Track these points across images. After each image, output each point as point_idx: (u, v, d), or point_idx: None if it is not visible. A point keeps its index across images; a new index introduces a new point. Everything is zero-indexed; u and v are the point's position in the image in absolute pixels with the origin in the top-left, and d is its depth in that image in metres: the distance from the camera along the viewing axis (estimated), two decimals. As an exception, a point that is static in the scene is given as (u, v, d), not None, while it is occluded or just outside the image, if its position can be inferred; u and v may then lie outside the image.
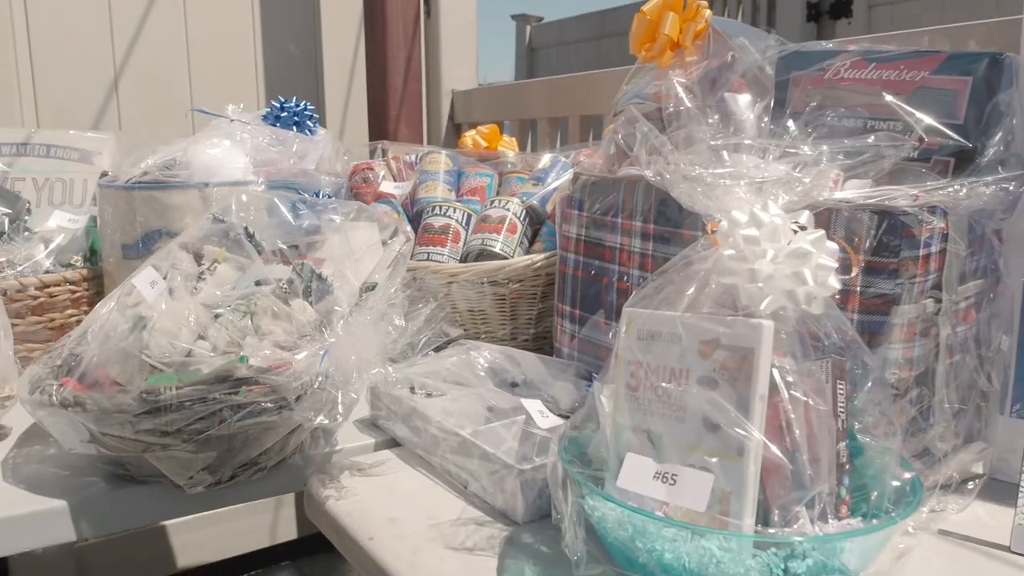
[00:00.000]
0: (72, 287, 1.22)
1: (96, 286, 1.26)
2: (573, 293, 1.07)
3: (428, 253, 1.26)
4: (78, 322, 1.24)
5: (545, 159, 1.35)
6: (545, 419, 0.90)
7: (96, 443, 0.82)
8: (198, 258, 0.92)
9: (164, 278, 0.87)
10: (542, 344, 1.31)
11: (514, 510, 0.78)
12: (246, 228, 0.91)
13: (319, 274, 0.93)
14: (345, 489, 0.86)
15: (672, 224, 0.91)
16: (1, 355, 0.96)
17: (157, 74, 1.76)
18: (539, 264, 1.22)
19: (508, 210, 1.29)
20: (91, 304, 1.26)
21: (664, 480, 0.55)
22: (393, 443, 0.98)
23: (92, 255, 1.28)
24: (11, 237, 1.26)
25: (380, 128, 1.85)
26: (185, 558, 2.08)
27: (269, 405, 0.80)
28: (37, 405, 0.82)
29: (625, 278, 0.96)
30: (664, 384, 0.59)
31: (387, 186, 1.40)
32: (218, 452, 0.83)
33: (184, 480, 0.84)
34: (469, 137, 1.58)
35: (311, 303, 0.91)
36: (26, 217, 1.30)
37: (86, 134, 1.44)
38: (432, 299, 0.89)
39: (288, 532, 2.22)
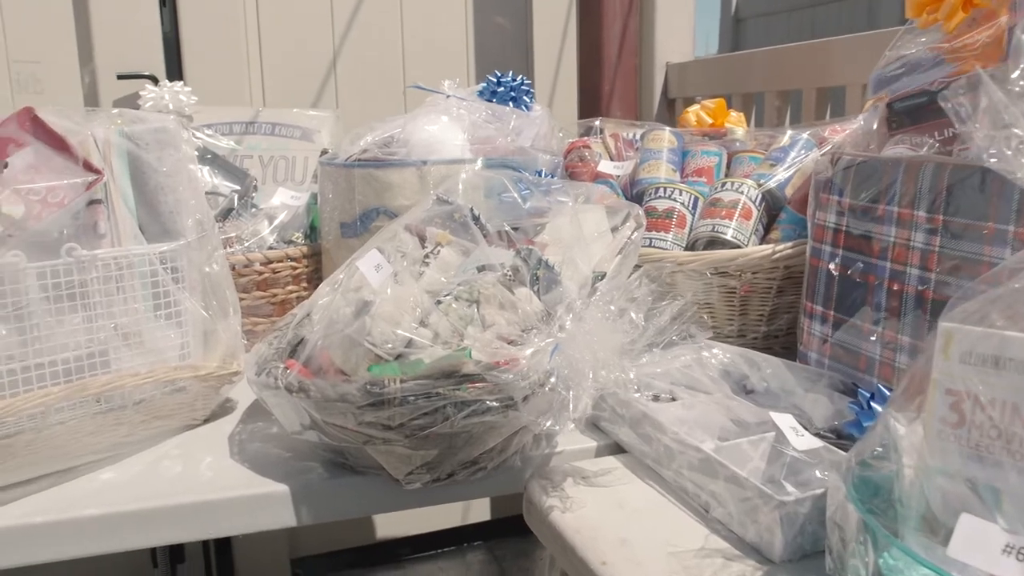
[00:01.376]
0: (293, 264, 1.23)
1: (314, 263, 1.27)
2: (827, 291, 0.93)
3: (650, 239, 1.16)
4: (298, 298, 1.25)
5: (785, 137, 1.21)
6: (800, 438, 0.78)
7: (318, 430, 0.79)
8: (421, 241, 0.88)
9: (388, 261, 0.83)
10: (771, 344, 1.18)
11: (770, 547, 0.67)
12: (472, 210, 0.85)
13: (546, 261, 0.86)
14: (570, 500, 0.78)
15: (971, 215, 0.75)
16: (230, 331, 0.96)
17: (372, 52, 1.77)
18: (779, 255, 1.09)
19: (742, 193, 1.16)
20: (310, 281, 1.27)
21: (1021, 557, 0.43)
22: (616, 448, 0.90)
23: (312, 232, 1.29)
24: (239, 213, 1.28)
25: (591, 104, 1.76)
26: (384, 530, 2.12)
27: (494, 404, 0.74)
28: (263, 386, 0.81)
29: (902, 279, 0.81)
30: (1013, 427, 0.46)
31: (606, 166, 1.31)
32: (439, 450, 0.78)
33: (402, 475, 0.80)
34: (692, 113, 1.45)
35: (537, 293, 0.84)
36: (253, 194, 1.32)
37: (307, 112, 1.46)
38: (679, 295, 0.79)
39: (481, 513, 2.21)
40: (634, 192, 1.27)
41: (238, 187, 1.31)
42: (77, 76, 1.58)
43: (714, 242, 1.14)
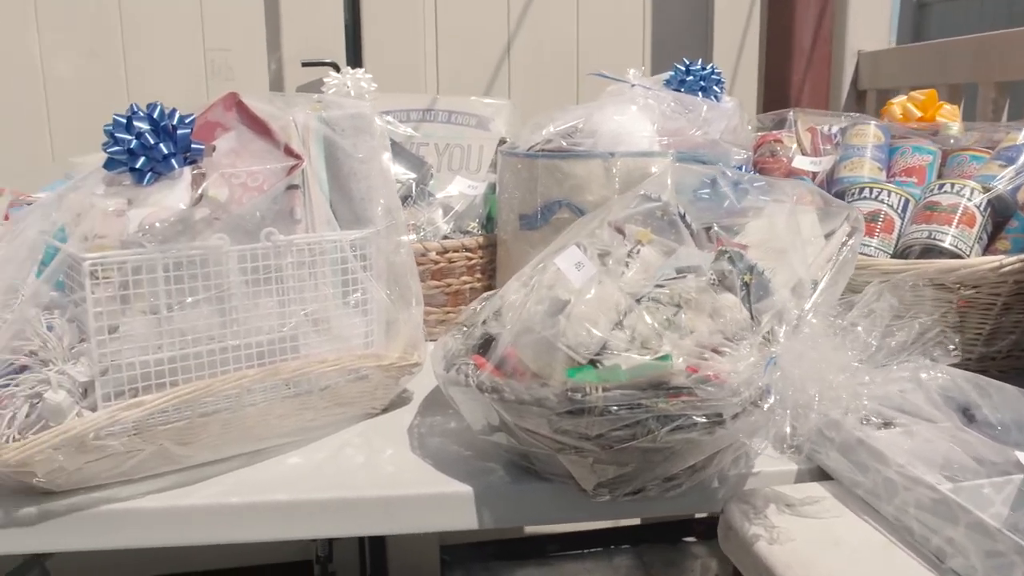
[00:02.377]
0: (469, 254, 1.21)
1: (489, 254, 1.24)
2: (1082, 313, 0.81)
3: (855, 244, 1.06)
4: (471, 290, 1.23)
5: (1021, 135, 1.07)
6: (1055, 484, 0.67)
7: (507, 432, 0.76)
8: (618, 238, 0.83)
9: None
10: (987, 366, 1.05)
11: (1029, 612, 0.58)
12: (679, 208, 0.79)
13: (755, 266, 0.79)
14: (776, 530, 0.71)
15: None
16: (412, 322, 0.95)
17: (547, 39, 1.73)
18: (1008, 268, 0.96)
19: (963, 196, 1.04)
20: (484, 272, 1.25)
21: None
22: (820, 474, 0.81)
23: (488, 223, 1.27)
24: (415, 201, 1.28)
25: (778, 95, 1.65)
26: (486, 519, 2.10)
27: (701, 420, 0.68)
28: (451, 382, 0.78)
29: None
30: None
31: (801, 162, 1.21)
32: (634, 463, 0.73)
33: (591, 486, 0.75)
34: (898, 105, 1.32)
35: (747, 300, 0.77)
36: (430, 181, 1.32)
37: (483, 100, 1.43)
38: (923, 312, 0.70)
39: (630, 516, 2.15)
40: (832, 192, 1.17)
41: (415, 175, 1.31)
42: (264, 63, 1.64)
43: (930, 250, 1.03)
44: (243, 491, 0.77)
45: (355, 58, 1.63)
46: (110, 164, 0.76)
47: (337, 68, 1.61)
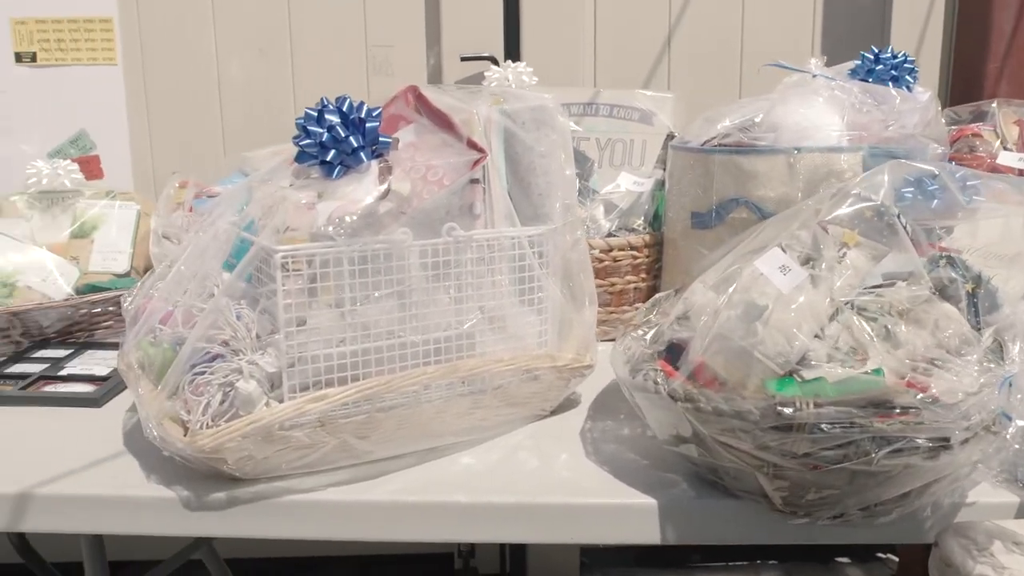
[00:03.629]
0: (634, 252, 1.17)
1: (655, 253, 1.19)
2: None
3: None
4: (635, 289, 1.19)
5: None
6: None
7: (698, 445, 0.71)
8: (821, 241, 0.76)
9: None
10: None
11: None
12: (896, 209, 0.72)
13: (980, 274, 0.71)
14: (1007, 571, 0.63)
15: None
16: (585, 322, 0.91)
17: (709, 29, 1.66)
18: None
19: None
20: (649, 272, 1.20)
21: None
22: (1048, 509, 0.72)
23: (655, 220, 1.22)
24: (578, 198, 1.24)
25: (968, 85, 1.51)
26: (670, 535, 2.03)
27: (925, 444, 0.61)
28: (637, 388, 0.74)
29: None
30: None
31: (1007, 158, 1.10)
32: (841, 486, 0.66)
33: (789, 507, 0.70)
34: (1122, 96, 1.18)
35: (971, 312, 0.69)
36: (592, 177, 1.28)
37: (647, 93, 1.38)
38: None
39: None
40: (1046, 191, 1.05)
41: (577, 170, 1.27)
42: (422, 58, 1.65)
43: None
44: (421, 490, 0.76)
45: (513, 52, 1.61)
46: (301, 157, 0.76)
47: (495, 62, 1.60)
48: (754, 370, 0.70)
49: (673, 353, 0.77)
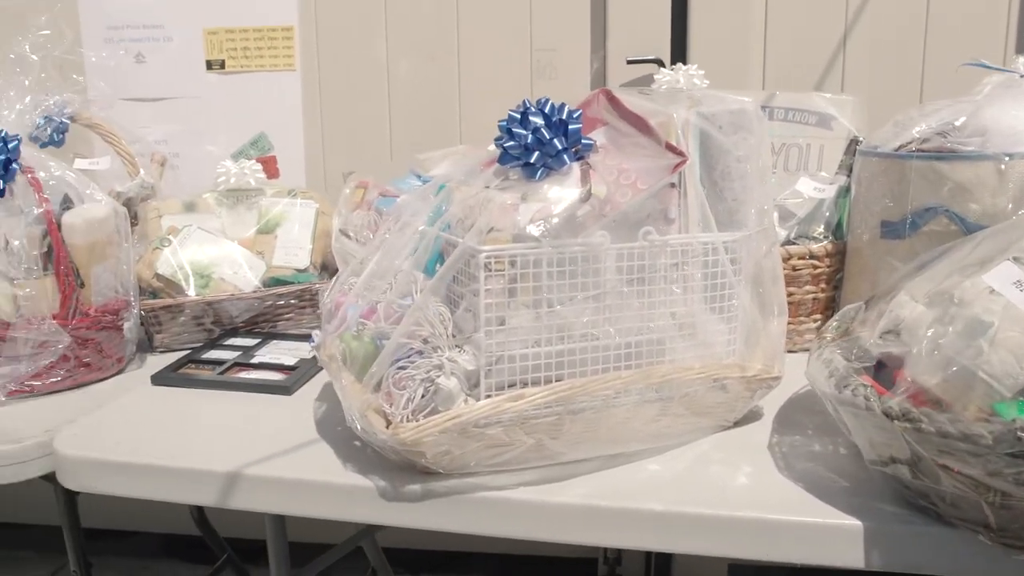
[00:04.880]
0: (815, 262, 1.12)
1: (837, 263, 1.14)
2: None
3: None
4: (814, 300, 1.14)
5: None
6: None
7: (912, 467, 0.67)
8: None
9: None
10: None
11: None
12: None
13: None
14: None
15: None
16: (773, 333, 0.88)
17: (889, 28, 1.57)
18: None
19: None
20: (829, 282, 1.15)
21: None
22: None
23: (837, 228, 1.17)
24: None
25: None
26: (875, 559, 1.94)
27: None
28: (844, 404, 0.71)
29: None
30: None
31: None
32: (1084, 522, 0.61)
33: (1013, 541, 0.65)
34: None
35: None
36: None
37: (825, 95, 1.33)
38: None
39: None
40: None
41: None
42: (586, 62, 1.65)
43: None
44: (612, 495, 0.76)
45: (679, 54, 1.59)
46: (504, 158, 0.77)
47: (662, 64, 1.58)
48: (977, 391, 0.66)
49: (881, 369, 0.73)
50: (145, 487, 0.87)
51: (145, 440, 0.92)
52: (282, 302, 1.28)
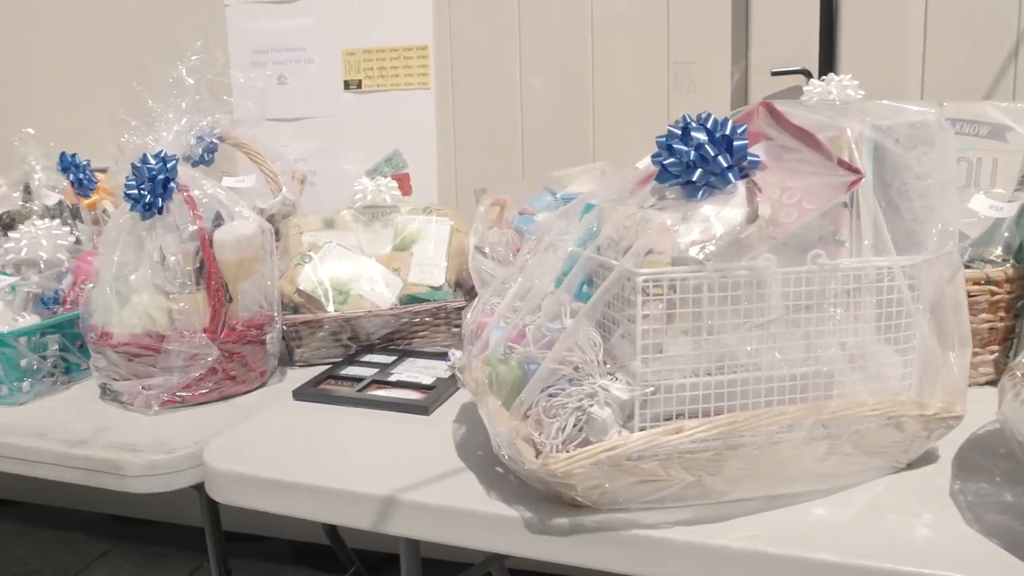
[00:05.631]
0: (992, 288, 1.02)
1: (1019, 289, 1.04)
2: None
3: None
4: (991, 330, 1.04)
5: None
6: None
7: None
8: None
9: None
10: None
11: None
12: None
13: None
14: None
15: None
16: (954, 367, 0.80)
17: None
18: None
19: None
20: (1009, 310, 1.05)
21: None
22: None
23: (1019, 251, 1.06)
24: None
25: None
26: None
27: None
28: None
29: None
30: None
31: None
32: None
33: None
34: None
35: None
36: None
37: (1000, 105, 1.21)
38: None
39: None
40: None
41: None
42: (726, 75, 1.59)
43: None
44: (776, 540, 0.70)
45: (827, 64, 1.50)
46: (663, 176, 0.73)
47: (809, 75, 1.50)
48: None
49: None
50: (288, 504, 0.87)
51: (288, 456, 0.92)
52: (417, 319, 1.28)
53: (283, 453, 0.94)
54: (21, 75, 2.16)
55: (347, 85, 1.81)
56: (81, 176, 1.53)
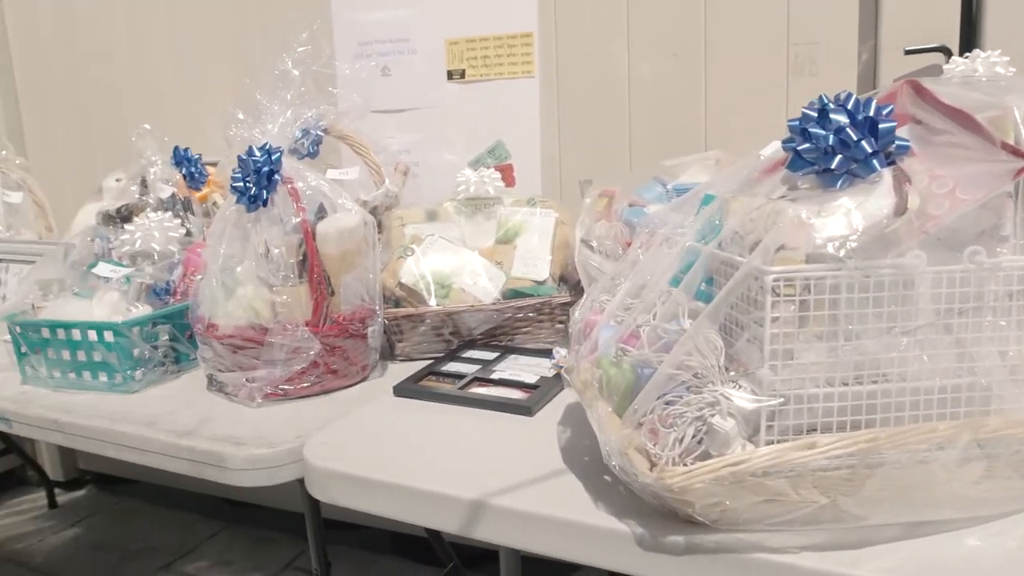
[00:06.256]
0: None
1: None
2: None
3: None
4: None
5: None
6: None
7: None
8: None
9: None
10: None
11: None
12: None
13: None
14: None
15: None
16: None
17: None
18: None
19: None
20: None
21: None
22: None
23: None
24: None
25: None
26: None
27: None
28: None
29: None
30: None
31: None
32: None
33: None
34: None
35: None
36: None
37: None
38: None
39: None
40: None
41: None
42: (853, 55, 1.47)
43: None
44: (923, 573, 0.62)
45: (969, 41, 1.37)
46: (796, 163, 0.66)
47: (948, 53, 1.37)
48: None
49: None
50: (387, 506, 0.84)
51: (388, 455, 0.90)
52: (521, 315, 1.24)
53: (382, 451, 0.91)
54: (140, 73, 2.24)
55: (450, 75, 1.78)
56: (192, 169, 1.56)
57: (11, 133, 2.45)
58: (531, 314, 1.24)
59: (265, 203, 1.10)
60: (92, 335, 1.17)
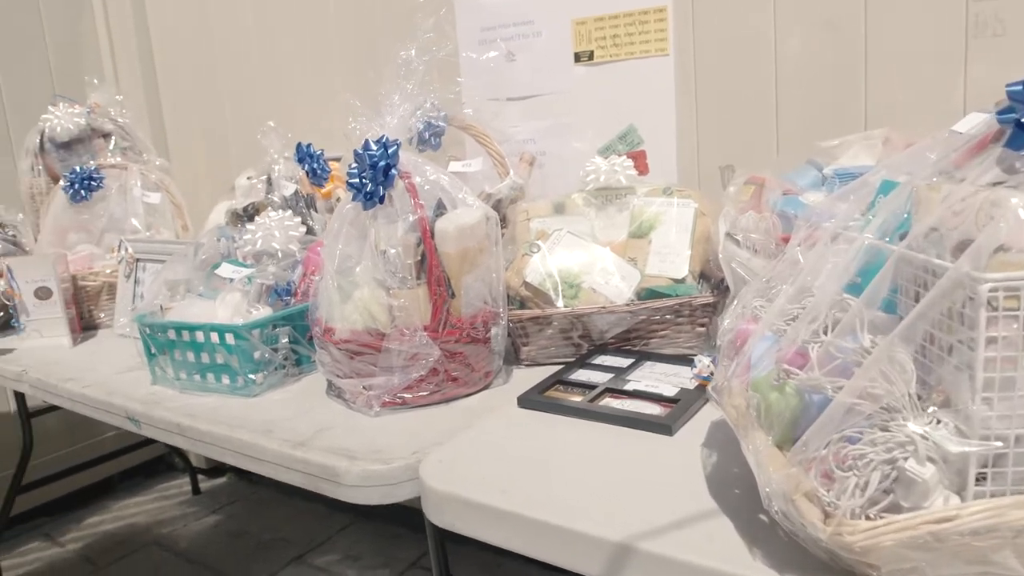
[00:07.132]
0: None
1: None
2: None
3: None
4: None
5: None
6: None
7: None
8: None
9: None
10: None
11: None
12: None
13: None
14: None
15: None
16: None
17: None
18: None
19: None
20: None
21: None
22: None
23: None
24: None
25: None
26: None
27: None
28: None
29: None
30: None
31: None
32: None
33: None
34: None
35: None
36: None
37: None
38: None
39: None
40: None
41: None
42: (1049, 11, 1.26)
43: None
44: None
45: None
46: (1017, 140, 0.52)
47: None
48: None
49: None
50: (511, 539, 0.76)
51: (511, 478, 0.81)
52: (657, 317, 1.12)
53: (504, 473, 0.83)
54: (269, 69, 2.26)
55: (577, 57, 1.67)
56: (315, 166, 1.53)
57: (155, 137, 2.54)
58: (668, 316, 1.12)
59: (382, 200, 1.03)
60: (214, 337, 1.15)
